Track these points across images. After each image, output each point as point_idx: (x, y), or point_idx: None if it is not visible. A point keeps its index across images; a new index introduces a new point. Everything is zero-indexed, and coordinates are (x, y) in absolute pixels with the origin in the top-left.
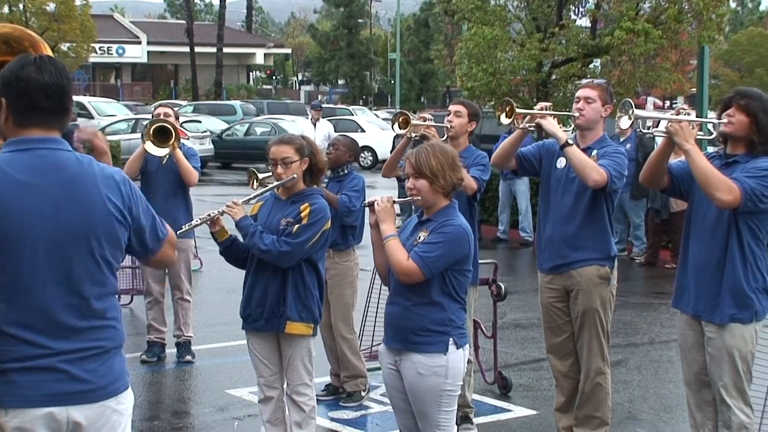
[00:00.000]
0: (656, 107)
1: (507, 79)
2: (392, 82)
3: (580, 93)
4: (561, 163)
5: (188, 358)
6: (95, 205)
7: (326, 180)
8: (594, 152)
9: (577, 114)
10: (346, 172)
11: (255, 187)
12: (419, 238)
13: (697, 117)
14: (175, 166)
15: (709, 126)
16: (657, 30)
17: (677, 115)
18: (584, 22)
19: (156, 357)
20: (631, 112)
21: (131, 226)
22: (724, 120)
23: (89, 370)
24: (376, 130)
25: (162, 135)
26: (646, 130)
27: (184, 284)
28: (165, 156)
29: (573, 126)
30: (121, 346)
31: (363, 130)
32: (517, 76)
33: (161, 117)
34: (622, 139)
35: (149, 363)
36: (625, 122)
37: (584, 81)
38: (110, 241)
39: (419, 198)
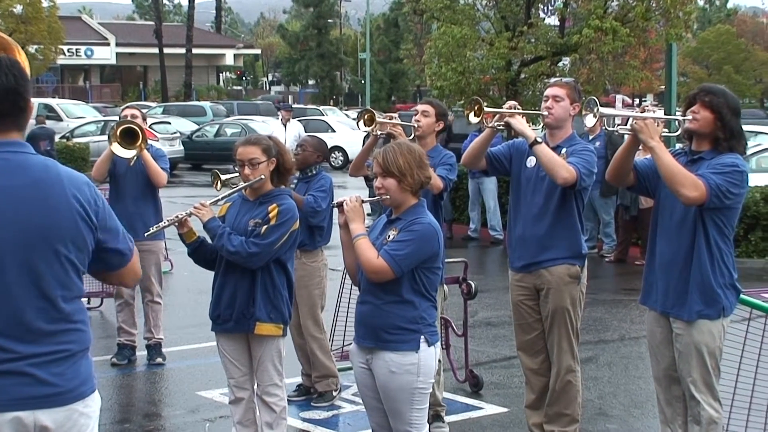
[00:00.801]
0: (625, 105)
1: (476, 78)
2: (362, 81)
3: (548, 92)
4: (531, 162)
5: (159, 360)
6: (60, 207)
7: (295, 181)
8: (563, 150)
9: (545, 113)
10: (314, 172)
11: (219, 189)
12: (389, 236)
13: (664, 114)
14: (144, 167)
15: (676, 123)
16: (625, 28)
17: (642, 112)
18: (553, 20)
19: (126, 359)
20: (596, 110)
21: (98, 228)
22: (689, 117)
23: (56, 374)
24: (346, 130)
25: (129, 136)
26: (611, 128)
27: (154, 286)
28: (132, 158)
29: (542, 125)
30: (88, 349)
31: (333, 130)
32: (487, 75)
33: (128, 118)
34: (591, 137)
35: (120, 366)
36: (590, 120)
37: (553, 80)
38: (76, 244)
39: (388, 197)
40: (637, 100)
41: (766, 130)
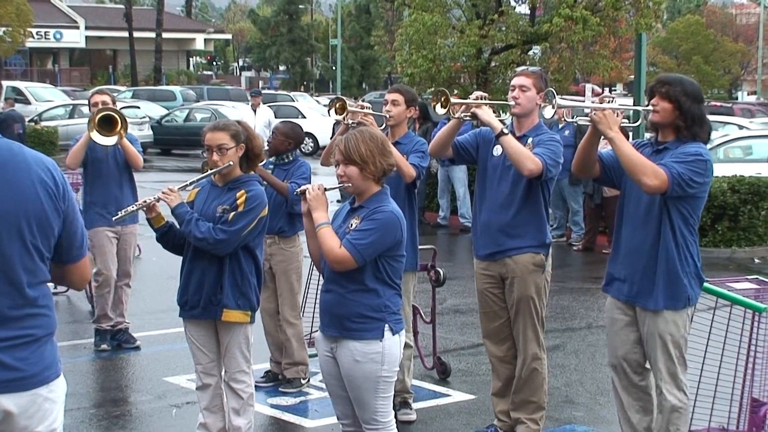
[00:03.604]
0: (595, 94)
1: (447, 66)
2: (333, 68)
3: (514, 81)
4: (498, 150)
5: (126, 345)
6: (26, 191)
7: (271, 166)
8: (529, 140)
9: (512, 102)
10: (290, 158)
11: None
12: (351, 225)
13: (633, 104)
14: (120, 151)
15: (640, 112)
16: (595, 17)
17: (601, 102)
18: (523, 9)
19: (115, 344)
20: (554, 101)
21: (64, 214)
22: (650, 108)
23: (20, 358)
24: (317, 117)
25: (106, 123)
26: (571, 119)
27: (131, 270)
28: (111, 144)
29: (509, 113)
30: (53, 334)
31: (304, 117)
32: (457, 63)
33: (106, 105)
34: (560, 126)
35: (99, 350)
36: (548, 112)
37: (519, 69)
38: (41, 228)
39: (350, 185)
40: (606, 90)
41: (734, 121)
